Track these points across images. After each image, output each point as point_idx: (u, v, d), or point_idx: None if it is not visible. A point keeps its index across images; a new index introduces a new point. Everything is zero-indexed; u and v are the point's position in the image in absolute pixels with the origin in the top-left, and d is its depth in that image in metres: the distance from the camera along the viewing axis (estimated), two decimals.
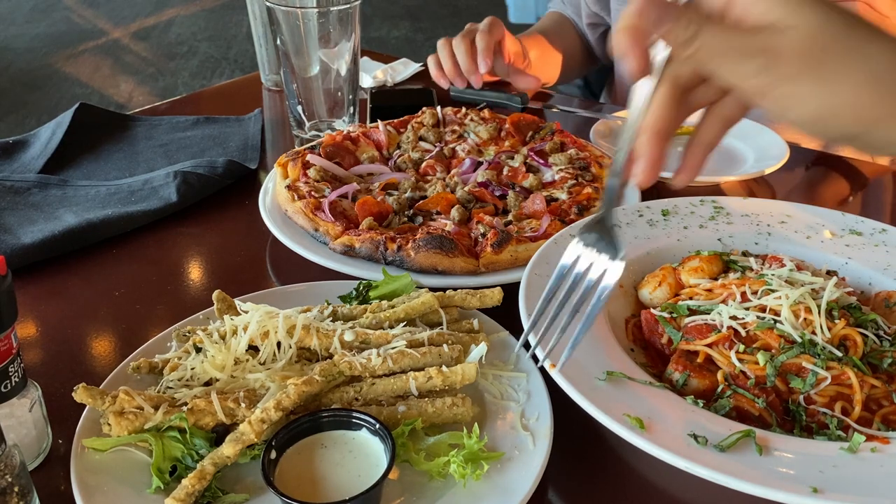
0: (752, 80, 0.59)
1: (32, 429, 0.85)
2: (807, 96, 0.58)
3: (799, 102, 0.58)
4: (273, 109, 1.85)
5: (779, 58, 0.57)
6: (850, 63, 0.56)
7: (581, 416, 0.83)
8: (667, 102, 0.66)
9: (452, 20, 6.98)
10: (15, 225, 1.29)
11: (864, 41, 0.56)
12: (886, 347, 0.93)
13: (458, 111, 1.59)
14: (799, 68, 0.57)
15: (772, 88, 0.59)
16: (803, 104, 0.58)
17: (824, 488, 0.73)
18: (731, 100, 0.67)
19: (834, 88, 0.57)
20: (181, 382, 0.89)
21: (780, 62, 0.57)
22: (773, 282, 0.96)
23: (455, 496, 0.78)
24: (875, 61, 0.56)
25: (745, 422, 0.84)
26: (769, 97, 0.60)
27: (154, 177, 1.42)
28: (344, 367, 0.87)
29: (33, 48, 6.38)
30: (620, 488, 0.86)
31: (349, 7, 1.49)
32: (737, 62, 0.59)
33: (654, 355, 0.99)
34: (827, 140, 0.61)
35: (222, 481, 0.80)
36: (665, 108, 0.66)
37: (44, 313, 1.13)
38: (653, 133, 0.67)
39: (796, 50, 0.57)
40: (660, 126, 0.67)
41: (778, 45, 0.57)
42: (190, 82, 5.79)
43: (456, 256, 1.12)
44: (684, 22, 0.60)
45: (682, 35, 0.60)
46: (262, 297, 1.04)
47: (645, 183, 0.69)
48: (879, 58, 0.56)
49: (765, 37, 0.58)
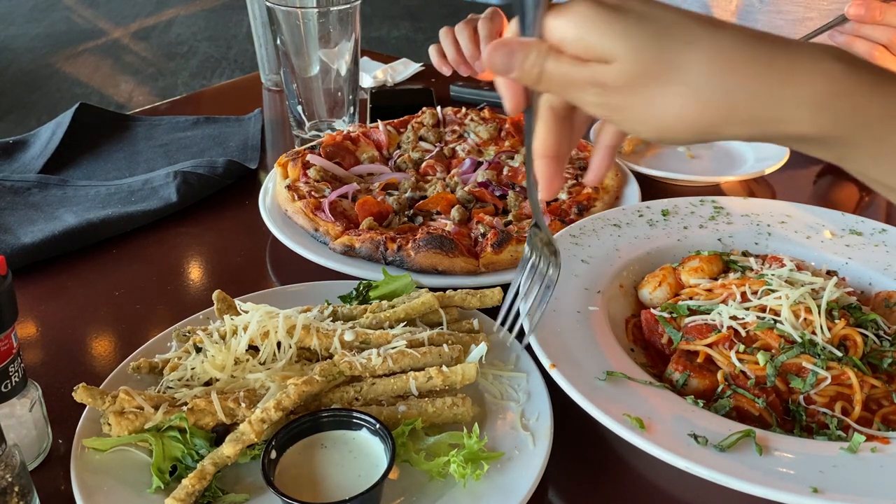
0: (595, 109, 0.65)
1: (32, 429, 0.85)
2: (644, 118, 0.62)
3: (640, 124, 0.63)
4: (273, 109, 1.85)
5: (607, 88, 0.62)
6: (666, 80, 0.60)
7: (581, 416, 0.83)
8: (549, 127, 0.70)
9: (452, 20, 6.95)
10: (15, 225, 1.29)
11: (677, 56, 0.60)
12: (886, 347, 0.93)
13: (458, 111, 1.59)
14: (626, 96, 0.62)
15: (613, 114, 0.64)
16: (644, 125, 0.63)
17: (824, 488, 0.73)
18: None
19: (661, 106, 0.61)
20: (181, 382, 0.89)
21: (609, 93, 0.62)
22: (773, 282, 0.96)
23: (455, 496, 0.78)
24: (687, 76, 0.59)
25: (745, 422, 0.84)
26: (617, 120, 0.66)
27: (154, 177, 1.42)
28: (344, 367, 0.87)
29: (33, 48, 6.38)
30: (620, 488, 0.86)
31: (349, 7, 1.49)
32: (578, 92, 0.64)
33: (654, 355, 0.99)
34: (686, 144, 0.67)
35: (222, 481, 0.80)
36: (549, 133, 0.71)
37: (44, 313, 1.13)
38: (542, 157, 0.72)
39: (619, 80, 0.61)
40: (548, 151, 0.71)
41: (604, 78, 0.62)
42: (190, 82, 5.78)
43: (456, 256, 1.12)
44: (528, 64, 0.64)
45: (530, 75, 0.65)
46: (262, 297, 1.04)
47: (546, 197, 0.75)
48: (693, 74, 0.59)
49: (593, 70, 0.62)
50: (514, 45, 0.65)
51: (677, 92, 0.60)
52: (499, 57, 0.65)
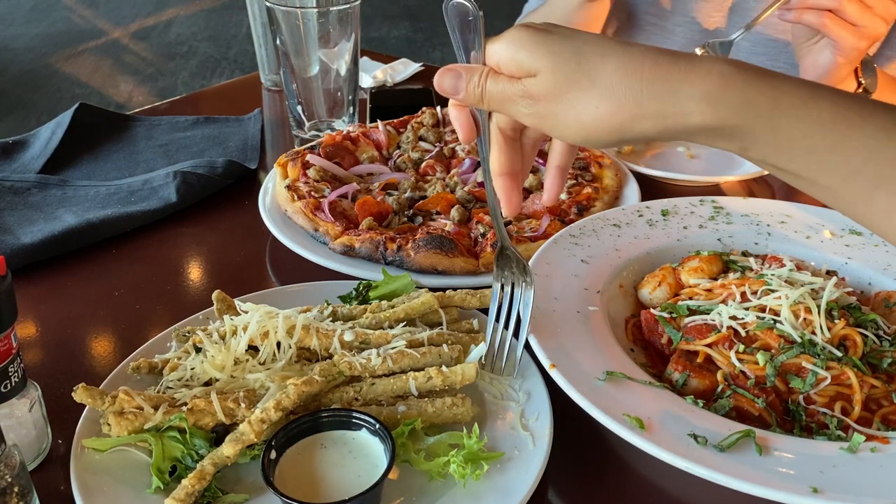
0: (527, 119, 0.73)
1: (32, 429, 0.85)
2: (567, 122, 0.71)
3: (563, 129, 0.72)
4: (273, 109, 1.84)
5: (534, 99, 0.71)
6: (584, 87, 0.69)
7: (581, 416, 0.83)
8: (500, 147, 0.80)
9: None
10: (14, 225, 1.29)
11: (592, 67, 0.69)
12: (886, 347, 0.93)
13: None
14: (550, 103, 0.70)
15: (542, 121, 0.72)
16: (567, 129, 0.71)
17: (824, 488, 0.73)
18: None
19: (581, 109, 0.69)
20: (181, 382, 0.89)
21: (537, 102, 0.71)
22: (772, 282, 0.96)
23: (455, 496, 0.78)
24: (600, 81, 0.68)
25: (744, 422, 0.84)
26: (546, 128, 0.73)
27: (154, 177, 1.42)
28: (344, 367, 0.87)
29: (33, 48, 6.38)
30: (620, 488, 0.86)
31: (349, 7, 1.49)
32: (514, 106, 0.73)
33: (654, 355, 0.99)
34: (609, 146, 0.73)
35: (222, 481, 0.80)
36: (500, 153, 0.80)
37: (44, 313, 1.13)
38: (499, 175, 0.81)
39: (543, 91, 0.71)
40: (503, 169, 0.80)
41: (531, 89, 0.71)
42: (190, 82, 5.78)
43: (456, 256, 1.12)
44: (472, 85, 0.75)
45: (473, 95, 0.75)
46: (262, 297, 1.04)
47: (509, 214, 0.83)
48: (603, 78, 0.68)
49: (523, 84, 0.72)
50: (460, 69, 0.76)
51: (593, 95, 0.69)
52: (447, 79, 0.76)
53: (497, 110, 0.76)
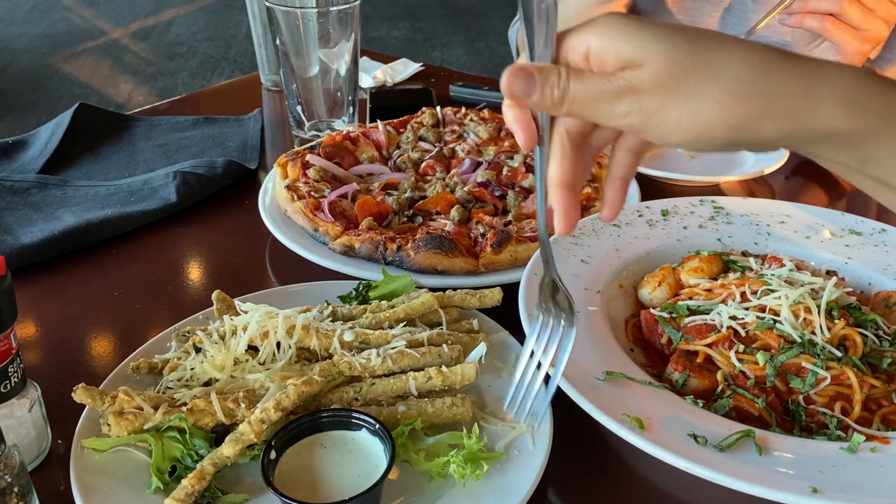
0: (625, 119, 0.64)
1: (32, 429, 0.84)
2: (676, 121, 0.63)
3: (672, 128, 0.63)
4: (273, 109, 1.84)
5: (640, 93, 0.63)
6: (702, 81, 0.61)
7: (581, 416, 0.83)
8: (564, 155, 0.69)
9: (452, 20, 6.99)
10: (14, 225, 1.29)
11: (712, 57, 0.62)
12: (886, 347, 0.93)
13: (458, 111, 1.59)
14: (660, 98, 0.62)
15: (644, 121, 0.64)
16: (676, 128, 0.63)
17: (824, 488, 0.73)
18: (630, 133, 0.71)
19: (696, 107, 0.62)
20: (181, 383, 0.89)
21: (642, 97, 0.63)
22: (772, 282, 0.96)
23: (455, 496, 0.78)
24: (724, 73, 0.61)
25: (744, 422, 0.84)
26: (646, 130, 0.65)
27: (153, 177, 1.42)
28: (343, 367, 0.87)
29: (33, 48, 6.38)
30: (620, 488, 0.85)
31: (349, 7, 1.49)
32: (607, 106, 0.64)
33: (654, 355, 0.99)
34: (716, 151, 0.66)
35: (222, 481, 0.80)
36: (564, 161, 0.69)
37: (44, 313, 1.13)
38: (559, 186, 0.70)
39: (652, 82, 0.62)
40: (564, 179, 0.69)
41: (637, 82, 0.62)
42: (189, 82, 5.78)
43: (456, 256, 1.12)
44: (549, 86, 0.64)
45: (552, 98, 0.65)
46: (262, 297, 1.04)
47: (564, 232, 0.71)
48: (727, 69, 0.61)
49: (624, 77, 0.63)
50: (533, 69, 0.65)
51: (715, 88, 0.61)
52: (518, 83, 0.65)
53: (580, 114, 0.66)
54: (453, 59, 6.14)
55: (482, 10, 7.15)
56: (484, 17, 6.99)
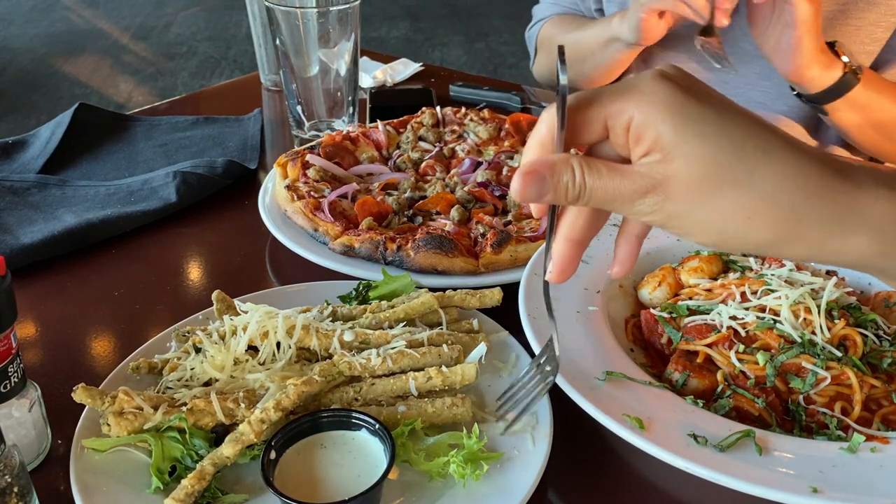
0: (648, 217, 0.61)
1: (32, 429, 0.84)
2: (701, 224, 0.59)
3: (696, 230, 0.60)
4: (272, 109, 1.84)
5: (667, 191, 0.58)
6: (736, 193, 0.57)
7: (581, 416, 0.83)
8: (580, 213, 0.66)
9: (452, 20, 6.99)
10: (14, 225, 1.29)
11: (753, 165, 0.57)
12: (886, 347, 0.93)
13: (458, 111, 1.59)
14: (686, 204, 0.58)
15: (668, 221, 0.60)
16: (701, 231, 0.60)
17: (824, 488, 0.73)
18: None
19: (724, 215, 0.58)
20: (181, 383, 0.89)
21: (669, 197, 0.58)
22: (772, 282, 0.96)
23: (455, 496, 0.78)
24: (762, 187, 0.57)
25: (744, 422, 0.84)
26: (669, 228, 0.61)
27: (153, 177, 1.42)
28: (343, 367, 0.87)
29: (33, 48, 6.38)
30: (620, 488, 0.86)
31: (349, 7, 1.49)
32: (630, 205, 0.60)
33: (654, 355, 0.99)
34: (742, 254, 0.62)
35: (222, 481, 0.80)
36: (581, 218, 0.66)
37: (43, 313, 1.13)
38: (567, 240, 0.67)
39: (684, 181, 0.57)
40: (574, 235, 0.67)
41: (666, 178, 0.58)
42: (189, 82, 5.78)
43: (455, 256, 1.12)
44: (563, 186, 0.60)
45: (566, 197, 0.61)
46: (262, 297, 1.04)
47: (555, 281, 0.69)
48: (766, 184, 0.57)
49: (653, 170, 0.58)
50: (542, 170, 0.61)
51: (748, 201, 0.57)
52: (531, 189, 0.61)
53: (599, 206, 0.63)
54: (453, 59, 6.15)
55: (482, 10, 7.15)
56: (484, 17, 6.99)
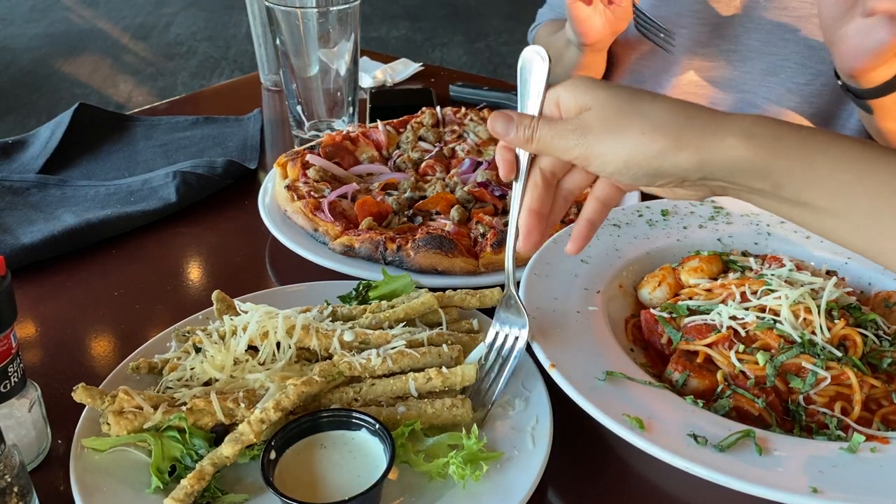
0: (574, 151, 0.79)
1: (32, 429, 0.84)
2: (611, 151, 0.77)
3: (608, 157, 0.78)
4: (272, 109, 1.84)
5: (585, 129, 0.79)
6: (632, 120, 0.77)
7: (581, 416, 0.83)
8: (536, 186, 0.85)
9: (452, 20, 6.99)
10: (14, 225, 1.29)
11: (643, 103, 0.77)
12: (886, 347, 0.93)
13: (458, 111, 1.59)
14: (599, 132, 0.78)
15: (588, 153, 0.78)
16: (612, 157, 0.78)
17: (824, 488, 0.73)
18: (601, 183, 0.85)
19: (624, 140, 0.77)
20: (181, 382, 0.89)
21: (587, 133, 0.78)
22: (772, 282, 0.96)
23: (454, 496, 0.78)
24: (648, 112, 0.77)
25: (744, 422, 0.84)
26: (590, 161, 0.79)
27: (153, 177, 1.42)
28: (343, 367, 0.87)
29: (33, 48, 6.38)
30: (620, 488, 0.85)
31: (349, 7, 1.49)
32: (562, 141, 0.80)
33: (654, 355, 0.99)
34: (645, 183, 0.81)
35: (221, 481, 0.80)
36: (535, 190, 0.85)
37: (43, 313, 1.13)
38: (528, 210, 0.85)
39: (595, 119, 0.78)
40: (535, 206, 0.85)
41: (583, 121, 0.79)
42: (189, 82, 5.78)
43: (455, 256, 1.12)
44: (522, 127, 0.82)
45: (523, 136, 0.82)
46: (262, 298, 1.04)
47: (523, 249, 0.86)
48: (651, 112, 0.77)
49: (577, 118, 0.80)
50: (512, 114, 0.83)
51: (638, 123, 0.76)
52: (499, 123, 0.83)
53: (543, 151, 0.82)
54: (453, 59, 6.15)
55: (482, 10, 7.15)
56: (484, 17, 6.99)
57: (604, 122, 0.78)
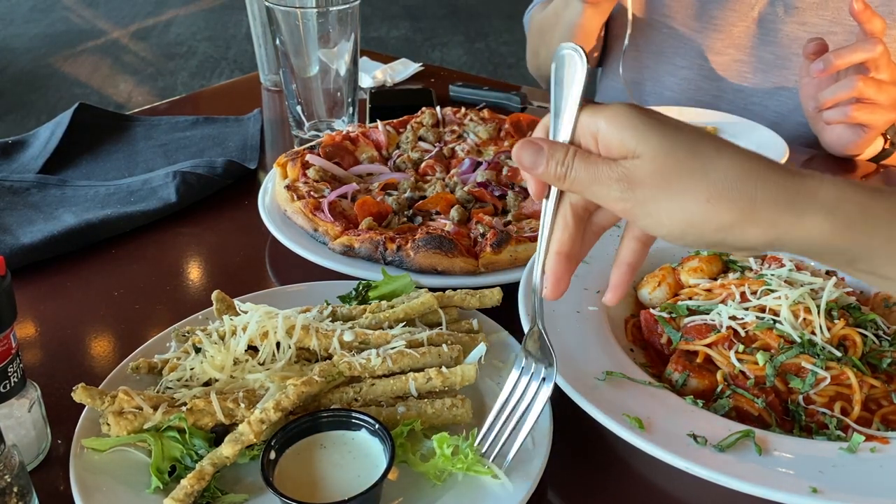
0: (619, 204, 0.68)
1: (31, 429, 0.84)
2: (666, 213, 0.66)
3: (662, 219, 0.67)
4: (272, 109, 1.84)
5: (633, 183, 0.66)
6: (696, 181, 0.65)
7: (581, 416, 0.83)
8: (566, 226, 0.73)
9: (451, 20, 6.99)
10: (14, 225, 1.29)
11: (707, 159, 0.65)
12: (886, 347, 0.93)
13: (458, 111, 1.59)
14: (652, 191, 0.66)
15: (635, 209, 0.67)
16: (667, 220, 0.67)
17: (824, 488, 0.73)
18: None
19: (685, 202, 0.65)
20: (180, 383, 0.89)
21: (635, 187, 0.66)
22: (772, 282, 0.96)
23: (454, 496, 0.78)
24: (715, 173, 0.65)
25: (744, 422, 0.84)
26: (637, 217, 0.68)
27: (153, 177, 1.42)
28: (343, 367, 0.87)
29: (33, 48, 6.38)
30: (620, 488, 0.86)
31: (349, 7, 1.49)
32: (605, 189, 0.68)
33: (654, 355, 0.99)
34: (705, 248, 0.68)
35: (221, 481, 0.80)
36: (565, 232, 0.73)
37: (43, 313, 1.13)
38: (556, 254, 0.74)
39: (648, 174, 0.66)
40: (563, 248, 0.74)
41: (632, 172, 0.66)
42: (189, 82, 5.78)
43: (455, 256, 1.12)
44: (554, 162, 0.69)
45: (555, 173, 0.69)
46: (262, 298, 1.04)
47: (550, 297, 0.75)
48: (717, 172, 0.65)
49: (622, 165, 0.67)
50: (543, 144, 0.70)
51: (703, 187, 0.65)
52: (527, 154, 0.70)
53: (580, 192, 0.70)
54: (453, 59, 6.15)
55: (482, 10, 7.15)
56: (484, 17, 6.99)
57: (658, 177, 0.65)
